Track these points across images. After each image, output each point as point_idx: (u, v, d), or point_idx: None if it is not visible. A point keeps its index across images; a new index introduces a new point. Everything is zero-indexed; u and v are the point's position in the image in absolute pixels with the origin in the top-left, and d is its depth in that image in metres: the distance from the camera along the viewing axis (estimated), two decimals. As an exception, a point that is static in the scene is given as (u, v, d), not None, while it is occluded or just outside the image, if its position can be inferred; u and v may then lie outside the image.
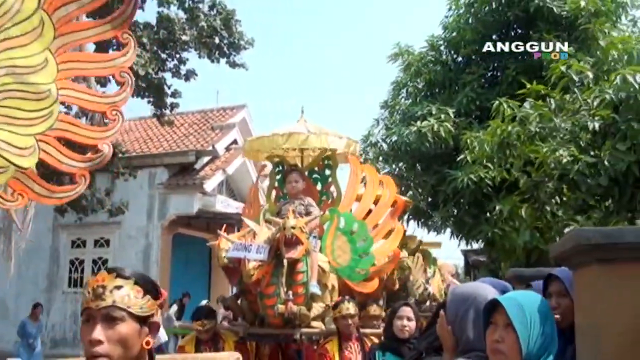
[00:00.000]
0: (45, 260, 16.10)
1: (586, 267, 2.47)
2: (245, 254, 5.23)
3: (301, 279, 5.44)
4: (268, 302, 5.36)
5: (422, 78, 12.47)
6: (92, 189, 13.72)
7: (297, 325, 5.44)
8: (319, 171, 7.03)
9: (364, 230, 6.07)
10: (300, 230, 5.28)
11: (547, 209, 8.43)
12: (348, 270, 6.00)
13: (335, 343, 5.36)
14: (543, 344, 2.01)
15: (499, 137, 8.22)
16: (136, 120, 18.99)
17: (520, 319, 2.01)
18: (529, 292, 2.25)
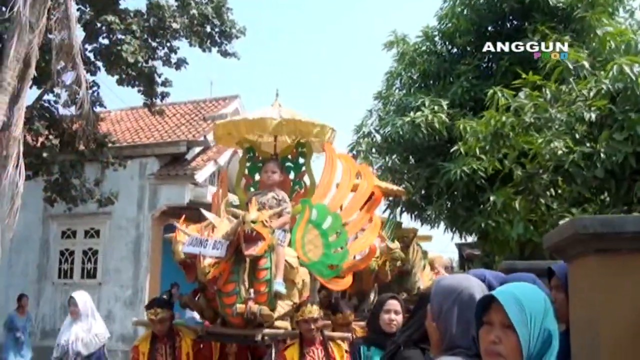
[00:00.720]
0: (35, 251, 15.91)
1: (583, 257, 2.33)
2: (200, 249, 4.82)
3: (264, 276, 5.05)
4: (227, 300, 4.99)
5: (417, 68, 12.34)
6: (82, 179, 13.56)
7: (259, 325, 5.07)
8: (292, 159, 6.60)
9: (337, 224, 5.66)
10: (263, 224, 4.87)
11: (541, 202, 8.32)
12: (319, 266, 5.59)
13: (296, 348, 5.00)
14: (545, 342, 1.80)
15: (493, 128, 8.10)
16: (127, 110, 18.76)
17: (520, 318, 1.79)
18: (526, 284, 1.96)
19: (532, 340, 1.76)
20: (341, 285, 5.85)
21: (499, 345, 1.80)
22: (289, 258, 5.45)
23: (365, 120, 12.82)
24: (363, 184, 6.27)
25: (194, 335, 5.45)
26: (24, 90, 10.55)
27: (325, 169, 6.17)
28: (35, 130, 12.97)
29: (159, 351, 5.31)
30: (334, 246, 5.58)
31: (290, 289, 5.44)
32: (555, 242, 2.61)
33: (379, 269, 6.73)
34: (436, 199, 10.65)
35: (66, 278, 15.54)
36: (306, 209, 5.65)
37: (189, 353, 5.36)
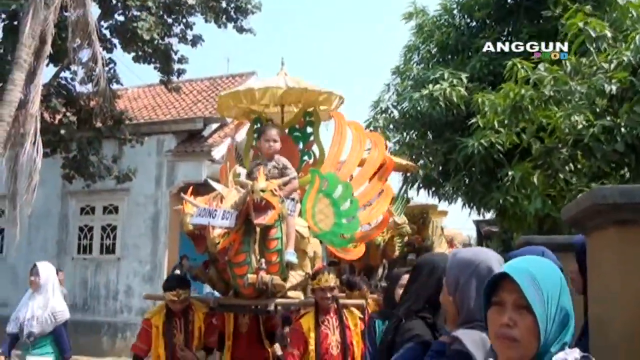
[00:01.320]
0: (55, 226, 16.07)
1: (603, 230, 2.26)
2: (209, 220, 4.68)
3: (275, 246, 4.92)
4: (238, 271, 4.88)
5: (435, 42, 12.18)
6: (99, 156, 13.64)
7: (271, 295, 4.97)
8: (300, 129, 6.39)
9: (348, 193, 5.54)
10: (272, 193, 4.76)
11: (560, 176, 8.20)
12: (330, 236, 5.53)
13: (311, 317, 4.95)
14: (562, 322, 1.62)
15: (511, 101, 7.96)
16: (144, 88, 18.80)
17: (537, 297, 1.60)
18: (538, 258, 1.76)
19: (549, 321, 1.59)
20: (353, 255, 5.77)
21: (513, 328, 1.61)
22: (299, 228, 5.37)
23: (382, 95, 12.71)
24: (374, 153, 6.12)
25: (206, 308, 5.42)
26: (40, 67, 10.58)
27: (335, 137, 6.02)
28: (53, 107, 13.03)
29: (175, 326, 5.29)
30: (345, 216, 5.48)
31: (302, 259, 5.38)
32: (573, 214, 2.54)
33: (386, 244, 6.73)
34: (453, 174, 10.55)
35: (85, 253, 15.70)
36: (316, 179, 5.55)
37: (201, 326, 5.37)
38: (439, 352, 2.37)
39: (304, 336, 4.82)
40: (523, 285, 1.59)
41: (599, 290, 2.32)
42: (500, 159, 8.97)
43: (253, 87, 5.99)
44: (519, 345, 1.60)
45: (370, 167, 6.02)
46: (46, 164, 12.33)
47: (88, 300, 15.27)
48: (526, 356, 1.61)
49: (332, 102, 6.15)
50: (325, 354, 4.78)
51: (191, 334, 5.30)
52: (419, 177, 11.29)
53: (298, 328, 4.91)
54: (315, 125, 6.26)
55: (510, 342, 1.62)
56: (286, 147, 6.11)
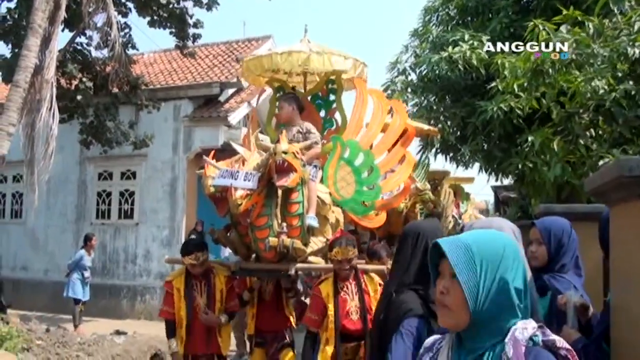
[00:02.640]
0: (73, 192, 16.20)
1: (627, 202, 2.19)
2: (231, 181, 4.69)
3: (296, 210, 4.91)
4: (259, 234, 4.85)
5: (454, 4, 11.92)
6: (116, 122, 13.65)
7: (292, 259, 4.96)
8: (322, 96, 6.37)
9: (370, 160, 5.51)
10: (294, 155, 4.73)
11: (580, 142, 8.06)
12: (352, 203, 5.49)
13: (330, 283, 4.86)
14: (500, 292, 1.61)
15: (532, 64, 7.77)
16: (160, 53, 18.69)
17: (466, 265, 1.61)
18: (489, 231, 1.80)
19: (481, 289, 1.59)
20: (375, 223, 5.71)
21: (445, 296, 1.66)
22: (321, 194, 5.34)
23: (400, 56, 12.51)
24: (395, 120, 5.99)
25: (228, 272, 5.43)
26: (55, 32, 10.50)
27: (356, 105, 5.91)
28: (69, 73, 13.01)
29: (195, 288, 5.30)
30: (367, 183, 5.45)
31: (323, 225, 5.36)
32: (597, 186, 2.46)
33: (408, 211, 6.61)
34: (471, 138, 10.42)
35: (104, 218, 15.83)
36: (337, 146, 5.51)
37: (222, 290, 5.37)
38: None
39: (323, 301, 4.80)
40: (449, 254, 1.63)
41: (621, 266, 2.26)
42: (519, 123, 8.83)
43: (276, 52, 5.94)
44: (450, 312, 1.65)
45: (392, 134, 5.91)
46: (63, 130, 12.37)
47: (107, 264, 15.44)
48: (459, 323, 1.65)
49: (356, 69, 6.07)
50: (345, 318, 4.76)
51: (213, 297, 5.31)
52: (437, 142, 11.18)
53: (317, 293, 4.88)
54: (338, 93, 6.21)
55: (442, 309, 1.68)
56: (309, 114, 6.14)
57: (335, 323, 4.72)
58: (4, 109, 9.51)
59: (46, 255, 16.28)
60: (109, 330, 11.35)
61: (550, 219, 3.22)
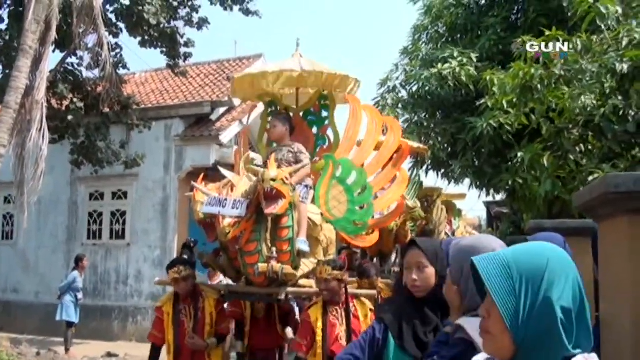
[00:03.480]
0: (64, 213, 16.12)
1: (614, 218, 2.19)
2: (219, 209, 4.68)
3: (286, 234, 4.86)
4: (249, 259, 4.83)
5: (444, 22, 12.04)
6: (107, 142, 13.62)
7: (282, 283, 4.90)
8: (315, 112, 6.30)
9: (363, 179, 5.43)
10: (283, 182, 4.69)
11: (570, 158, 8.09)
12: (343, 222, 5.41)
13: (319, 307, 4.77)
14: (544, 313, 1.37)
15: (521, 80, 7.82)
16: (151, 72, 18.69)
17: (503, 284, 1.40)
18: (530, 243, 1.54)
19: (522, 311, 1.37)
20: (367, 243, 5.67)
21: (487, 320, 1.45)
22: (312, 215, 5.30)
23: (391, 74, 12.58)
24: (390, 137, 5.89)
25: (217, 295, 5.39)
26: (45, 53, 10.52)
27: (350, 121, 5.84)
28: (60, 93, 13.01)
29: (183, 312, 5.23)
30: (359, 202, 5.40)
31: (314, 246, 5.32)
32: (585, 201, 2.46)
33: (398, 229, 6.55)
34: (462, 154, 10.46)
35: (95, 239, 15.74)
36: (330, 164, 5.46)
37: (212, 313, 5.30)
38: (442, 342, 2.34)
39: (311, 326, 4.71)
40: (483, 272, 1.43)
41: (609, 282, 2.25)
42: (509, 139, 8.87)
43: (267, 71, 5.94)
44: (492, 338, 1.44)
45: (386, 152, 5.84)
46: (54, 151, 12.35)
47: (98, 285, 15.33)
48: (503, 351, 1.43)
49: (347, 85, 6.06)
50: (334, 344, 4.64)
51: (201, 320, 5.24)
52: (427, 159, 11.21)
53: (306, 318, 4.81)
54: (331, 109, 6.18)
55: (485, 335, 1.47)
56: (301, 131, 6.09)
57: (323, 348, 4.64)
58: (-6, 131, 9.49)
59: (37, 276, 16.15)
60: (100, 352, 11.27)
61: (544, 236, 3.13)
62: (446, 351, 2.31)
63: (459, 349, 2.19)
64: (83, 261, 12.84)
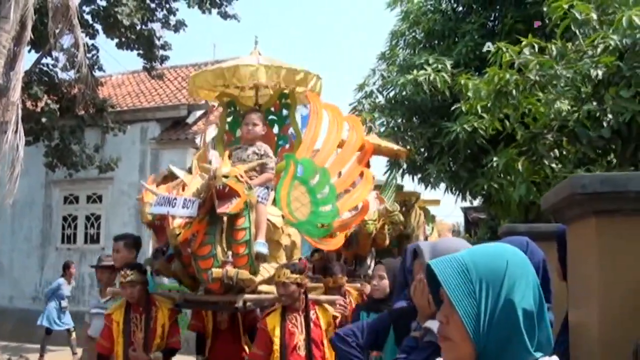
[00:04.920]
0: (39, 216, 15.91)
1: (582, 220, 2.16)
2: (168, 209, 4.32)
3: (243, 237, 4.55)
4: (202, 264, 4.51)
5: (421, 28, 12.05)
6: (82, 145, 13.46)
7: (241, 290, 4.59)
8: (275, 112, 6.07)
9: (326, 179, 5.13)
10: (237, 179, 4.40)
11: (545, 163, 8.11)
12: (307, 225, 5.12)
13: (277, 314, 4.51)
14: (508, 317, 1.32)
15: (495, 85, 7.83)
16: (128, 74, 18.53)
17: (462, 288, 1.33)
18: (486, 245, 1.49)
19: (483, 315, 1.32)
20: (332, 245, 5.41)
21: (446, 326, 1.39)
22: (272, 217, 5.06)
23: (368, 79, 12.56)
24: (352, 136, 5.60)
25: (171, 304, 5.05)
26: (21, 53, 10.39)
27: (311, 120, 5.50)
28: (34, 95, 12.84)
29: (133, 321, 4.91)
30: (323, 203, 5.10)
31: (275, 250, 5.07)
32: (552, 203, 2.43)
33: (377, 233, 6.42)
34: (438, 158, 10.47)
35: (69, 243, 15.56)
36: (291, 165, 5.13)
37: (165, 324, 4.95)
38: (411, 347, 2.31)
39: (268, 335, 4.48)
40: (442, 276, 1.36)
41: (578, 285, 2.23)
42: (483, 144, 8.89)
43: (222, 66, 5.69)
44: (453, 344, 1.37)
45: (349, 151, 5.58)
46: (28, 153, 12.16)
47: (73, 290, 15.11)
48: (464, 357, 1.36)
49: (308, 81, 5.79)
50: (291, 354, 4.41)
51: (152, 332, 4.89)
52: (403, 163, 11.21)
53: (263, 326, 4.55)
54: (292, 108, 5.98)
55: (444, 342, 1.40)
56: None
57: (280, 359, 4.41)
58: (-35, 131, 9.34)
59: (11, 281, 15.90)
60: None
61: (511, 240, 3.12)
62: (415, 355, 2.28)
63: (428, 352, 2.17)
64: (71, 268, 12.68)
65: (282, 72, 5.57)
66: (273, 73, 5.54)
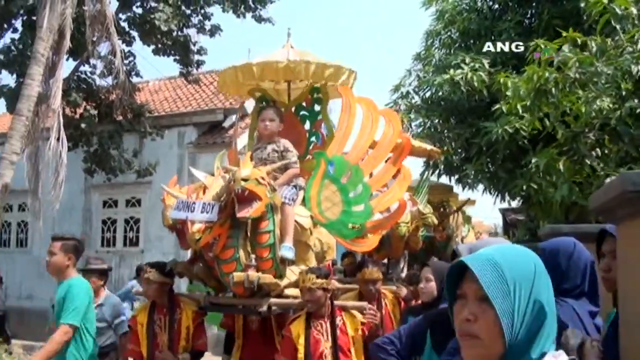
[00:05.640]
0: (79, 220, 16.17)
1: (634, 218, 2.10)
2: (187, 214, 4.19)
3: (267, 240, 4.41)
4: (225, 268, 4.39)
5: (457, 27, 11.92)
6: (120, 150, 13.65)
7: (266, 294, 4.45)
8: (307, 107, 5.81)
9: (358, 178, 4.86)
10: (257, 182, 4.23)
11: (586, 162, 7.95)
12: (338, 225, 4.86)
13: (302, 321, 4.36)
14: (536, 317, 1.39)
15: (535, 84, 7.69)
16: (165, 80, 18.79)
17: (499, 288, 1.37)
18: (514, 246, 1.56)
19: (517, 316, 1.37)
20: (366, 247, 5.15)
21: (474, 324, 1.40)
22: (299, 218, 4.85)
23: (403, 80, 12.49)
24: (388, 131, 5.21)
25: (196, 306, 4.93)
26: (60, 61, 10.59)
27: (342, 115, 5.20)
28: (73, 101, 13.06)
29: (158, 323, 4.82)
30: (355, 203, 4.85)
31: (303, 252, 4.89)
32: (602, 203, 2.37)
33: (409, 235, 6.22)
34: (476, 158, 10.33)
35: (109, 246, 15.78)
36: (321, 162, 4.90)
37: (189, 326, 4.83)
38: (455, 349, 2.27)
39: (292, 343, 4.33)
40: (480, 274, 1.38)
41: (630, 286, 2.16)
42: (524, 145, 8.75)
43: (251, 63, 5.47)
44: (481, 343, 1.39)
45: (384, 147, 5.20)
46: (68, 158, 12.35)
47: (112, 292, 15.33)
48: (491, 356, 1.40)
49: (340, 76, 5.57)
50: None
51: (177, 333, 4.79)
52: (440, 163, 11.10)
53: (287, 334, 4.41)
54: (323, 103, 5.75)
55: (471, 340, 1.41)
56: (293, 127, 5.64)
57: None
58: (7, 138, 9.54)
59: (52, 284, 16.12)
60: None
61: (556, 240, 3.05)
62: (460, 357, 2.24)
63: None
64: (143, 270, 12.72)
65: (311, 67, 5.36)
66: (302, 69, 5.34)
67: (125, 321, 5.90)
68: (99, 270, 6.00)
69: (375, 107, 5.34)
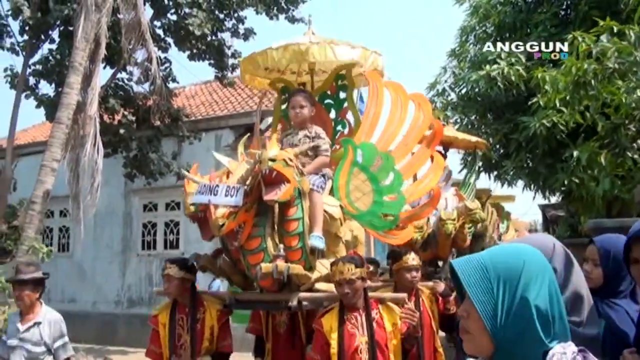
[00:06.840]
0: (119, 224, 16.42)
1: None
2: (209, 197, 3.87)
3: (295, 228, 4.08)
4: (252, 259, 4.04)
5: (491, 21, 11.75)
6: (159, 154, 13.84)
7: (295, 288, 4.14)
8: (331, 95, 5.52)
9: (389, 165, 4.47)
10: (285, 163, 3.92)
11: (628, 155, 7.76)
12: (369, 216, 4.47)
13: (334, 314, 4.02)
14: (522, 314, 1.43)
15: (573, 76, 7.53)
16: (201, 85, 19.01)
17: (480, 285, 1.45)
18: (509, 245, 1.62)
19: (500, 311, 1.43)
20: (400, 239, 4.72)
21: (466, 320, 1.50)
22: (329, 208, 4.55)
23: (439, 77, 12.39)
24: (418, 116, 4.81)
25: (220, 305, 4.62)
26: (96, 70, 10.79)
27: (370, 101, 4.85)
28: (111, 108, 13.30)
29: (179, 322, 4.55)
30: (387, 192, 4.45)
31: (334, 244, 4.59)
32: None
33: (457, 233, 6.04)
34: (515, 154, 10.16)
35: (150, 249, 15.97)
36: (349, 150, 4.57)
37: (214, 326, 4.56)
38: None
39: (324, 337, 4.01)
40: (461, 274, 1.49)
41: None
42: (563, 139, 8.57)
43: (271, 46, 5.17)
44: (472, 337, 1.49)
45: (415, 133, 4.80)
46: (108, 164, 12.60)
47: (153, 294, 15.55)
48: (483, 349, 1.48)
49: (367, 59, 5.28)
50: (352, 358, 3.93)
51: (199, 334, 4.52)
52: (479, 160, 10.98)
53: (319, 327, 4.08)
54: (349, 90, 5.47)
55: (465, 335, 1.51)
56: (318, 117, 5.34)
57: None
58: (47, 146, 9.75)
59: (94, 287, 16.50)
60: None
61: (612, 238, 2.93)
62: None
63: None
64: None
65: (335, 48, 5.07)
66: (325, 51, 5.05)
67: (68, 343, 5.13)
68: (33, 280, 4.90)
69: (405, 91, 4.98)
